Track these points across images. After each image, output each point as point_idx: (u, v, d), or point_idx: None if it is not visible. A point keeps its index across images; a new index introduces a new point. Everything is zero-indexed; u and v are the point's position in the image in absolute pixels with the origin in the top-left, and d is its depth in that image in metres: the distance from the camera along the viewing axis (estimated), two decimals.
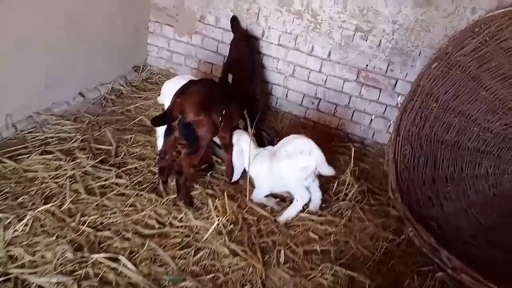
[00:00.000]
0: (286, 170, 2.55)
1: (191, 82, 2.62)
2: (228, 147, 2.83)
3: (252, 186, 2.82)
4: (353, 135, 3.77)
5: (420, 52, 3.23)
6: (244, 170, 2.83)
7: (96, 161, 2.87)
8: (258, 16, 3.67)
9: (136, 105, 3.75)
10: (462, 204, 2.99)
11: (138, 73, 4.26)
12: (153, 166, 2.93)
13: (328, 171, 2.56)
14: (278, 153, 2.60)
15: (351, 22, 3.34)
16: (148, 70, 4.35)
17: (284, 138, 2.69)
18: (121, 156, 3.01)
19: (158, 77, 4.27)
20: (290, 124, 3.83)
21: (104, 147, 3.07)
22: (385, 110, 3.55)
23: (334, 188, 2.96)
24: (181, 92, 2.50)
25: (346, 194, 2.92)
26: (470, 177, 3.08)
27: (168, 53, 4.28)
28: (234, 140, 2.83)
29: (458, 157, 3.10)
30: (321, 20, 3.44)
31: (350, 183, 2.97)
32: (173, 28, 4.12)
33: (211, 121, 2.50)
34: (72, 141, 3.06)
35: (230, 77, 3.47)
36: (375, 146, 3.71)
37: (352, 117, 3.70)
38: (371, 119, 3.63)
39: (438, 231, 2.72)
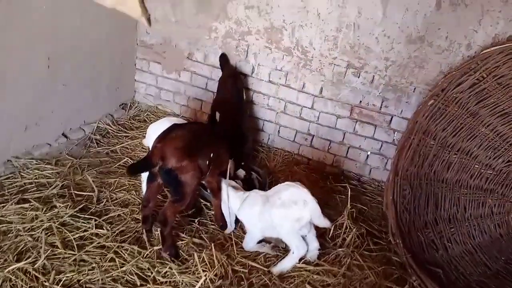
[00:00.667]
0: (279, 220, 2.37)
1: (174, 126, 2.47)
2: (216, 192, 2.66)
3: (243, 232, 2.65)
4: (349, 172, 3.62)
5: (414, 89, 3.13)
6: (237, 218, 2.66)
7: (76, 209, 2.67)
8: (247, 53, 3.59)
9: (122, 145, 3.60)
10: (468, 246, 2.82)
11: (126, 110, 4.13)
12: (137, 213, 2.74)
13: (324, 223, 2.39)
14: (272, 199, 2.44)
15: (342, 59, 3.26)
16: (136, 108, 4.22)
17: (279, 185, 2.53)
18: (103, 203, 2.82)
19: (146, 114, 4.13)
20: (283, 161, 3.69)
21: (85, 193, 2.88)
22: (381, 147, 3.43)
23: (331, 232, 2.78)
24: (163, 137, 2.35)
25: (344, 239, 2.74)
26: (474, 217, 2.92)
27: (157, 90, 4.17)
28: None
29: (460, 196, 2.95)
30: (312, 57, 3.36)
31: (348, 227, 2.80)
32: (161, 65, 4.02)
33: (196, 166, 2.34)
34: (52, 187, 2.88)
35: (217, 115, 3.35)
36: (373, 183, 3.56)
37: (347, 153, 3.57)
38: (367, 156, 3.50)
39: (444, 279, 2.54)
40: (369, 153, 3.49)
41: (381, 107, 3.30)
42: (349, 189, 2.93)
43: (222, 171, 2.65)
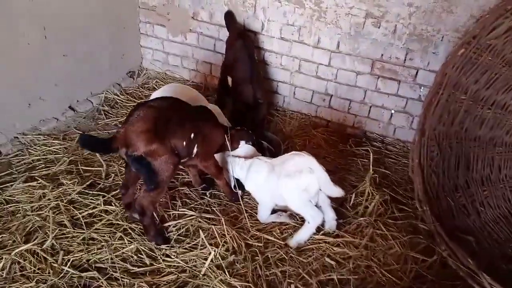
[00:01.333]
0: (287, 191, 2.20)
1: (138, 106, 2.17)
2: (217, 174, 2.47)
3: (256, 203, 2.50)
4: (372, 133, 3.37)
5: (442, 37, 2.79)
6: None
7: (84, 186, 2.59)
8: (255, 8, 3.29)
9: None
10: (502, 210, 2.58)
11: (134, 78, 3.96)
12: None
13: (335, 192, 2.21)
14: (277, 169, 2.25)
15: (360, 8, 2.92)
16: (144, 75, 4.04)
17: (285, 155, 2.34)
18: (112, 178, 2.72)
19: (155, 81, 3.94)
20: (299, 125, 3.46)
21: (93, 168, 2.78)
22: (406, 104, 3.14)
23: (352, 200, 2.59)
24: (125, 121, 2.09)
25: (366, 207, 2.54)
26: (510, 178, 2.65)
27: (164, 55, 3.95)
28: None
29: (494, 155, 2.68)
30: (326, 8, 3.03)
31: (370, 193, 2.59)
32: (166, 28, 3.78)
33: (169, 149, 2.07)
34: (60, 163, 2.79)
35: (229, 80, 3.13)
36: (397, 144, 3.31)
37: (369, 113, 3.30)
38: (391, 115, 3.22)
39: (476, 248, 2.34)
40: (393, 111, 3.21)
41: (405, 60, 2.98)
42: (371, 153, 2.69)
43: (218, 150, 2.47)
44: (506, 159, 2.67)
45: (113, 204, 2.49)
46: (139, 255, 2.18)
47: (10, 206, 2.42)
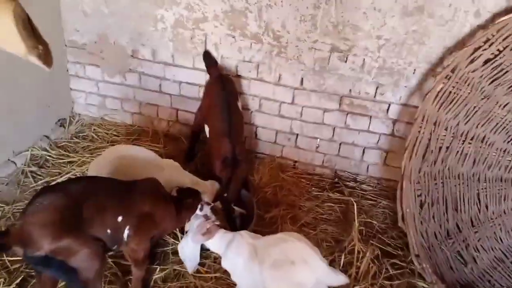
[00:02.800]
0: (274, 285, 1.80)
1: (45, 189, 1.75)
2: (140, 263, 1.98)
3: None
4: (343, 171, 3.12)
5: (414, 70, 2.60)
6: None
7: (13, 286, 2.02)
8: (205, 44, 2.91)
9: (68, 174, 2.87)
10: (497, 252, 2.42)
11: (65, 128, 3.37)
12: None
13: (337, 280, 1.83)
14: (260, 254, 1.85)
15: (324, 42, 2.66)
16: (77, 122, 3.46)
17: (268, 236, 1.95)
18: None
19: (92, 129, 3.39)
20: (264, 168, 3.08)
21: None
22: (378, 140, 2.92)
23: (342, 260, 2.28)
24: (22, 212, 1.64)
25: (358, 268, 2.25)
26: (497, 215, 2.51)
27: (100, 98, 3.42)
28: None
29: (480, 191, 2.53)
30: (286, 43, 2.73)
31: (360, 251, 2.31)
32: (100, 68, 3.26)
33: (86, 240, 1.66)
34: None
35: (206, 129, 2.70)
36: (371, 182, 3.08)
37: (339, 151, 3.04)
38: (363, 152, 2.99)
39: None
40: (365, 148, 2.98)
41: (375, 94, 2.76)
42: (355, 205, 2.41)
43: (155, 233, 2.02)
44: (491, 194, 2.54)
45: None
46: None
47: None
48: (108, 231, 1.76)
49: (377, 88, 2.74)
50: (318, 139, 3.04)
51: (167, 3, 2.82)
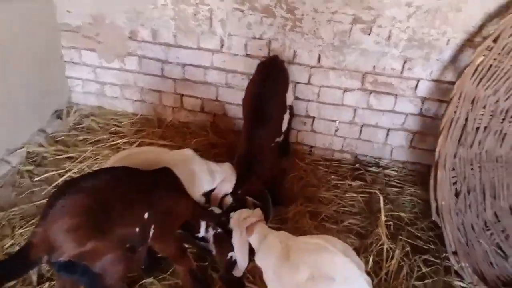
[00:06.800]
0: None
1: (65, 186, 1.55)
2: (179, 257, 1.84)
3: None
4: (365, 156, 2.86)
5: (449, 41, 2.30)
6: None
7: None
8: (211, 21, 2.62)
9: (69, 172, 2.63)
10: None
11: (62, 119, 3.12)
12: None
13: None
14: (294, 261, 1.58)
15: (345, 12, 2.36)
16: (75, 112, 3.21)
17: (305, 238, 1.68)
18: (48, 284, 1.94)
19: (92, 119, 3.14)
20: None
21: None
22: (404, 121, 2.65)
23: (370, 262, 2.04)
24: (44, 215, 1.43)
25: (388, 269, 2.01)
26: None
27: (98, 86, 3.16)
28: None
29: None
30: (302, 15, 2.43)
31: (390, 249, 2.07)
32: (97, 53, 2.99)
33: (113, 243, 1.48)
34: None
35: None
36: (395, 166, 2.82)
37: (360, 134, 2.77)
38: (387, 134, 2.72)
39: None
40: (389, 130, 2.71)
41: (402, 70, 2.47)
42: (381, 198, 2.14)
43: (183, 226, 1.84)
44: None
45: None
46: None
47: None
48: (137, 229, 1.57)
49: (404, 63, 2.44)
50: (337, 122, 2.77)
51: None
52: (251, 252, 1.79)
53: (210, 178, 2.05)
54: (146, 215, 1.60)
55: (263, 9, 2.48)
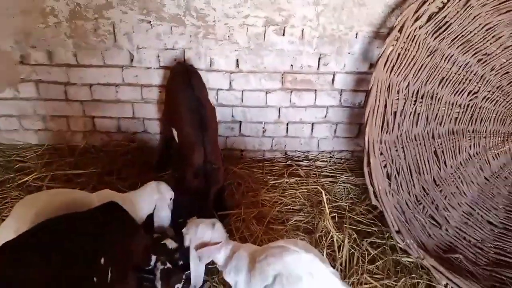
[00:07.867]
0: None
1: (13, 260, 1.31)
2: None
3: None
4: (294, 151, 2.91)
5: (356, 34, 2.41)
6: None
7: None
8: (115, 35, 2.41)
9: None
10: (464, 207, 2.42)
11: None
12: None
13: None
14: (260, 267, 1.55)
15: (257, 15, 2.34)
16: None
17: (268, 246, 1.65)
18: None
19: None
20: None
21: None
22: (326, 113, 2.74)
23: (324, 255, 2.09)
24: None
25: (341, 259, 2.09)
26: (456, 168, 2.51)
27: None
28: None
29: (436, 148, 2.49)
30: (214, 22, 2.35)
31: (340, 241, 2.14)
32: None
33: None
34: None
35: (175, 133, 2.27)
36: (324, 156, 2.92)
37: (287, 132, 2.81)
38: (312, 128, 2.80)
39: (467, 264, 2.12)
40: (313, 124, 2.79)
41: (318, 66, 2.54)
42: (323, 193, 2.20)
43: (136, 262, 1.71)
44: (447, 149, 2.52)
45: None
46: None
47: None
48: (95, 279, 1.40)
49: (319, 59, 2.51)
50: (263, 123, 2.77)
51: None
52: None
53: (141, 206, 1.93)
54: (102, 261, 1.44)
55: (172, 19, 2.34)
